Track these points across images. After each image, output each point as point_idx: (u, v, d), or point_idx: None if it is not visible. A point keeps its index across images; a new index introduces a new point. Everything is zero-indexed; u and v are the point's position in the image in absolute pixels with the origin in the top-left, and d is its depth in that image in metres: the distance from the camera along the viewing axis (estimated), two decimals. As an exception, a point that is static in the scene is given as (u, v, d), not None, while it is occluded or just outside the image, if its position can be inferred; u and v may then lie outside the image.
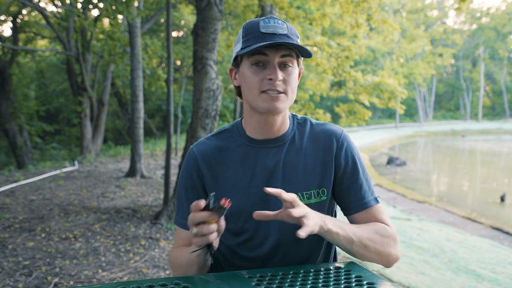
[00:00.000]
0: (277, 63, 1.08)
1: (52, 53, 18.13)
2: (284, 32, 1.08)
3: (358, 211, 1.16)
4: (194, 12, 12.44)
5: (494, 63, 47.24)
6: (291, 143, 1.18)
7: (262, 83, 1.08)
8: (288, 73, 1.09)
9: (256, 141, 1.18)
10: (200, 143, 1.24)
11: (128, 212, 5.95)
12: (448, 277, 4.18)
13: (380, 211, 1.18)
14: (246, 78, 1.10)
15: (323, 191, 1.17)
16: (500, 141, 26.59)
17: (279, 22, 1.09)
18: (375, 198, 1.18)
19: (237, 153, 1.18)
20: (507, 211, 8.58)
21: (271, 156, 1.17)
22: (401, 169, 14.58)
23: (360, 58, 25.49)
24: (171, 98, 5.69)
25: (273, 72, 1.07)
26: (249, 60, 1.09)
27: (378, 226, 1.13)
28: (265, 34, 1.07)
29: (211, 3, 4.97)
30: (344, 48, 9.11)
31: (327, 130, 1.20)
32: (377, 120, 40.35)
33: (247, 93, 1.11)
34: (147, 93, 19.04)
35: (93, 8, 10.07)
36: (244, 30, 1.12)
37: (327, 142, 1.18)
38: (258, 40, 1.06)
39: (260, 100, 1.09)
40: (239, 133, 1.21)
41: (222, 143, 1.21)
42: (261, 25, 1.08)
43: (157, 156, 14.06)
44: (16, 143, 13.42)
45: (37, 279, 3.58)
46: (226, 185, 1.16)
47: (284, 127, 1.19)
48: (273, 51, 1.07)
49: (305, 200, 1.15)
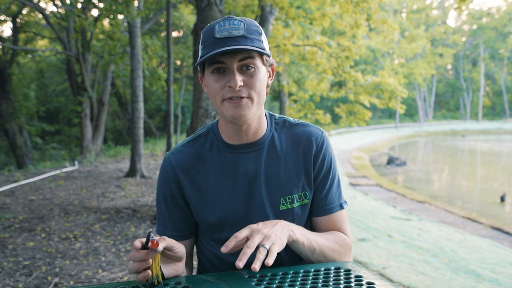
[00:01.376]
0: (236, 68, 1.02)
1: (52, 53, 18.14)
2: (240, 34, 1.02)
3: (321, 215, 1.17)
4: (194, 12, 12.44)
5: (494, 63, 47.25)
6: (270, 146, 1.15)
7: (223, 90, 1.03)
8: (250, 75, 1.04)
9: (233, 147, 1.14)
10: (177, 152, 1.18)
11: (128, 212, 5.95)
12: (448, 277, 4.18)
13: (342, 218, 1.19)
14: (209, 86, 1.06)
15: (305, 194, 1.15)
16: (500, 141, 26.59)
17: (234, 23, 1.02)
18: (340, 204, 1.19)
19: (216, 160, 1.14)
20: (507, 211, 8.58)
21: (251, 161, 1.13)
22: (401, 169, 14.58)
23: (360, 58, 25.49)
24: (171, 98, 5.69)
25: (232, 78, 1.02)
26: (209, 68, 1.05)
27: (338, 236, 1.16)
28: (220, 40, 1.01)
29: (211, 3, 4.98)
30: (344, 48, 9.12)
31: (308, 132, 1.17)
32: (377, 120, 40.37)
33: (213, 101, 1.07)
34: (147, 93, 19.05)
35: (93, 8, 10.07)
36: (202, 36, 1.07)
37: (307, 145, 1.15)
38: (214, 47, 1.01)
39: (224, 109, 1.05)
40: (216, 138, 1.16)
41: (200, 150, 1.16)
42: (215, 30, 1.02)
43: (157, 156, 14.07)
44: (16, 143, 13.42)
45: (37, 279, 3.58)
46: (208, 194, 1.13)
47: (261, 131, 1.14)
48: (230, 56, 1.02)
49: (288, 204, 1.13)
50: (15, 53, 13.94)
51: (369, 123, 33.69)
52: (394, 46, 33.13)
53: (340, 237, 1.16)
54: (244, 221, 1.11)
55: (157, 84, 11.64)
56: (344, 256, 1.15)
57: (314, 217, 1.19)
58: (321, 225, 1.18)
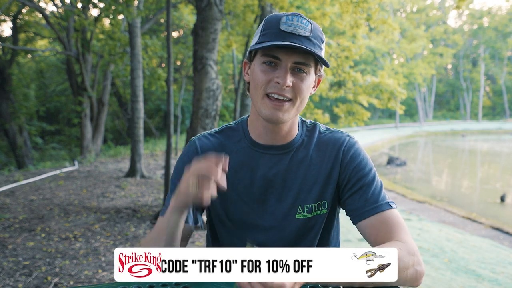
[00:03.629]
0: (290, 66, 0.98)
1: (52, 53, 18.13)
2: (305, 34, 0.97)
3: (368, 216, 1.06)
4: (194, 12, 12.44)
5: (495, 63, 47.25)
6: (297, 152, 1.10)
7: (269, 84, 0.99)
8: (300, 78, 1.00)
9: (260, 146, 1.10)
10: (203, 138, 1.15)
11: (128, 212, 5.95)
12: (448, 277, 4.18)
13: (397, 219, 1.06)
14: (255, 75, 1.02)
15: (324, 204, 1.10)
16: (500, 141, 26.59)
17: (303, 21, 0.98)
18: (387, 202, 1.08)
19: (239, 155, 1.11)
20: (507, 211, 8.58)
21: (273, 163, 1.09)
22: (401, 169, 14.57)
23: (360, 58, 25.50)
24: (171, 98, 5.69)
25: (282, 76, 0.97)
26: (261, 58, 1.00)
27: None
28: (284, 33, 0.97)
29: (211, 3, 4.98)
30: (344, 48, 9.13)
31: (333, 139, 1.12)
32: (377, 120, 40.36)
33: (253, 92, 1.03)
34: (147, 93, 19.04)
35: (93, 7, 10.07)
36: (264, 23, 1.02)
37: (333, 152, 1.10)
38: (275, 37, 0.97)
39: (263, 105, 1.01)
40: (243, 133, 1.13)
41: (225, 142, 1.13)
42: (282, 22, 0.98)
43: (157, 156, 14.07)
44: (16, 143, 13.42)
45: (37, 279, 3.58)
46: (222, 190, 1.12)
47: (292, 134, 1.10)
48: (288, 54, 0.97)
49: (305, 213, 1.09)
50: (15, 53, 13.93)
51: (369, 123, 33.66)
52: (394, 46, 33.13)
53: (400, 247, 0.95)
54: (253, 224, 1.10)
55: (156, 84, 11.64)
56: (417, 266, 0.98)
57: (360, 222, 1.07)
58: (370, 229, 1.05)
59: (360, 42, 10.40)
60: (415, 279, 0.97)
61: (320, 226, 1.12)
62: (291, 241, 1.10)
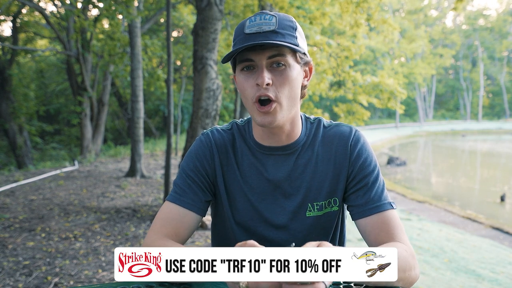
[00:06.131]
0: (266, 65, 0.96)
1: (52, 53, 18.13)
2: (270, 28, 0.95)
3: (369, 215, 1.04)
4: (194, 12, 12.45)
5: (493, 64, 47.26)
6: (303, 150, 1.09)
7: (252, 89, 0.97)
8: (280, 73, 0.97)
9: (264, 148, 1.08)
10: (216, 132, 1.13)
11: (128, 212, 5.95)
12: (448, 277, 4.18)
13: (395, 220, 1.05)
14: (239, 85, 1.01)
15: (334, 201, 1.08)
16: (500, 141, 26.59)
17: (266, 17, 0.96)
18: (389, 203, 1.07)
19: (248, 155, 1.10)
20: (507, 211, 8.58)
21: (279, 164, 1.08)
22: (401, 169, 14.57)
23: (360, 58, 25.49)
24: (171, 98, 5.69)
25: (260, 75, 0.95)
26: (239, 66, 0.99)
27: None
28: (249, 35, 0.95)
29: (211, 3, 4.98)
30: (344, 48, 9.13)
31: (339, 132, 1.09)
32: (377, 120, 40.36)
33: (244, 102, 1.01)
34: (147, 93, 19.05)
35: (93, 8, 10.07)
36: (234, 33, 1.02)
37: (339, 146, 1.08)
38: (242, 42, 0.95)
39: (254, 113, 0.99)
40: (248, 134, 1.12)
41: (236, 140, 1.12)
42: (246, 26, 0.97)
43: (157, 156, 14.07)
44: (16, 143, 13.42)
45: (37, 279, 3.58)
46: (231, 188, 1.10)
47: (295, 134, 1.08)
48: (258, 53, 0.95)
49: (315, 211, 1.08)
50: (15, 53, 13.94)
51: (369, 123, 33.67)
52: (394, 46, 33.13)
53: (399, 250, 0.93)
54: (262, 224, 1.09)
55: (155, 84, 11.64)
56: (414, 269, 0.97)
57: (361, 219, 1.06)
58: (371, 227, 1.04)
59: (360, 42, 10.40)
60: (411, 282, 0.97)
61: (332, 224, 1.11)
62: (302, 239, 1.07)
